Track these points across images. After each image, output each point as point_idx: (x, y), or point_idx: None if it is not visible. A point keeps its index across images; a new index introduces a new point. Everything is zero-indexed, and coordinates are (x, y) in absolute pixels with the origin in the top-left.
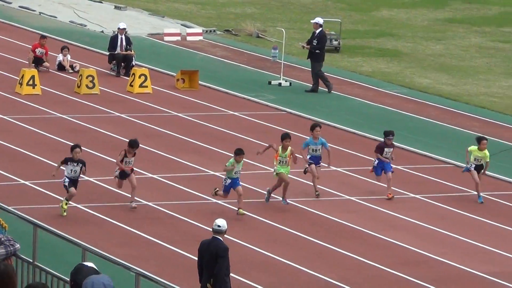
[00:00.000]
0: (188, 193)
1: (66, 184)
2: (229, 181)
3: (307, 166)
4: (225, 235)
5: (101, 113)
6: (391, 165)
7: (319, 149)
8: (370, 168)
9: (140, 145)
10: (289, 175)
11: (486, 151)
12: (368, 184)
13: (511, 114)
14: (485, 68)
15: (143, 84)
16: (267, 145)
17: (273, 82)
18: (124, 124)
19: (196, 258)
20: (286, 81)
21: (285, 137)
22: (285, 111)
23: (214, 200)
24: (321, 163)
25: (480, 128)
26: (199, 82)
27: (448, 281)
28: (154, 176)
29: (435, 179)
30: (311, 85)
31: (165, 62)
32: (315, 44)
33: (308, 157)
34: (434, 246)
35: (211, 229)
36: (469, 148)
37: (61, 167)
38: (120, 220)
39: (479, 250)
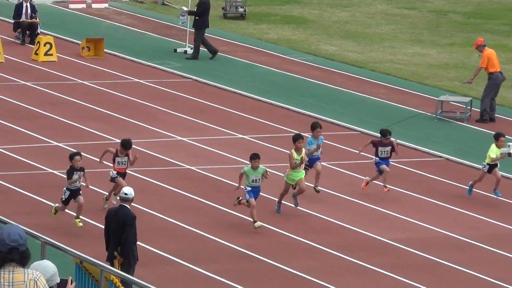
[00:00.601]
0: (93, 161)
1: (67, 196)
2: (249, 189)
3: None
4: (132, 203)
5: (6, 81)
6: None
7: (320, 146)
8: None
9: (45, 112)
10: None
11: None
12: (273, 150)
13: (416, 81)
14: (390, 35)
15: (48, 52)
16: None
17: (178, 50)
18: (29, 92)
19: (103, 226)
20: (191, 48)
21: (298, 138)
22: (191, 78)
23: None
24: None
25: (386, 95)
26: (105, 50)
27: (355, 248)
28: (60, 144)
29: (342, 146)
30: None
31: (71, 30)
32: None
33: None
34: (341, 213)
35: (118, 197)
36: (491, 150)
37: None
38: (27, 189)
39: (385, 216)
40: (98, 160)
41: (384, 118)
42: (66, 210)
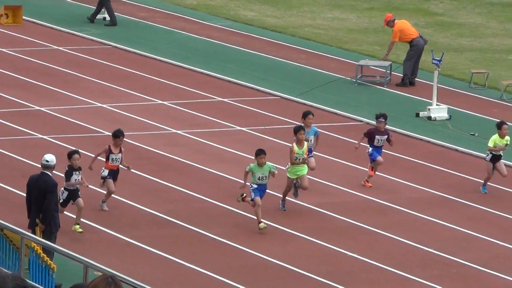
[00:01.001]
0: (12, 128)
1: (65, 197)
2: (255, 186)
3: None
4: (54, 171)
5: None
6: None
7: (311, 139)
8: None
9: None
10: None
11: (508, 137)
12: (194, 116)
13: (336, 46)
14: None
15: None
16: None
17: (98, 16)
18: None
19: (25, 194)
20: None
21: (299, 129)
22: (111, 45)
23: (38, 136)
24: (313, 153)
25: (306, 60)
26: (23, 17)
27: (275, 213)
28: None
29: (262, 112)
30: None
31: None
32: None
33: None
34: None
35: (38, 165)
36: (490, 139)
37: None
38: None
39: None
40: (16, 126)
41: (304, 83)
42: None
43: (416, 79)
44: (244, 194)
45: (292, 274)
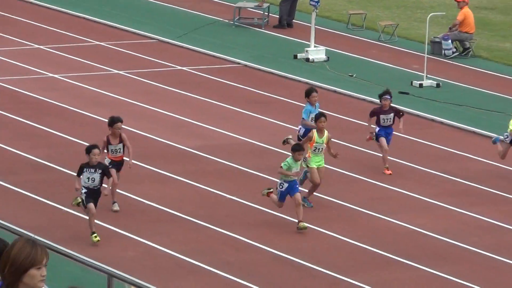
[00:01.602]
0: None
1: (83, 198)
2: (285, 185)
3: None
4: None
5: None
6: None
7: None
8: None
9: None
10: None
11: None
12: (71, 60)
13: None
14: None
15: None
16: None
17: None
18: None
19: None
20: None
21: (320, 116)
22: None
23: None
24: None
25: (182, 2)
26: None
27: (153, 155)
28: None
29: (139, 55)
30: None
31: None
32: None
33: (302, 130)
34: (141, 121)
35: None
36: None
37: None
38: None
39: (184, 124)
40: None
41: (181, 26)
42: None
43: (294, 20)
44: (271, 189)
45: (170, 217)
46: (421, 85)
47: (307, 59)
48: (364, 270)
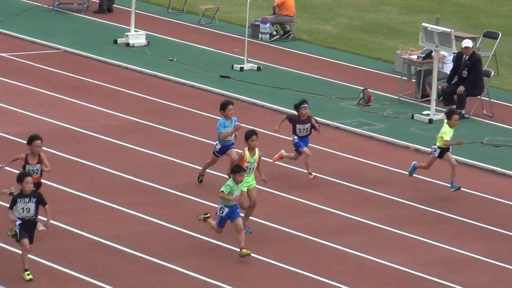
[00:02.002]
0: None
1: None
2: (226, 210)
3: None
4: None
5: None
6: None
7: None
8: None
9: None
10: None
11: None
12: None
13: None
14: None
15: None
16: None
17: None
18: None
19: None
20: None
21: (251, 135)
22: None
23: None
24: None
25: None
26: None
27: None
28: None
29: None
30: None
31: None
32: None
33: (218, 146)
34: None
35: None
36: (441, 130)
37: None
38: None
39: (3, 111)
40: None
41: (0, 12)
42: None
43: (114, 5)
44: (208, 214)
45: None
46: (242, 69)
47: (127, 44)
48: (185, 256)
